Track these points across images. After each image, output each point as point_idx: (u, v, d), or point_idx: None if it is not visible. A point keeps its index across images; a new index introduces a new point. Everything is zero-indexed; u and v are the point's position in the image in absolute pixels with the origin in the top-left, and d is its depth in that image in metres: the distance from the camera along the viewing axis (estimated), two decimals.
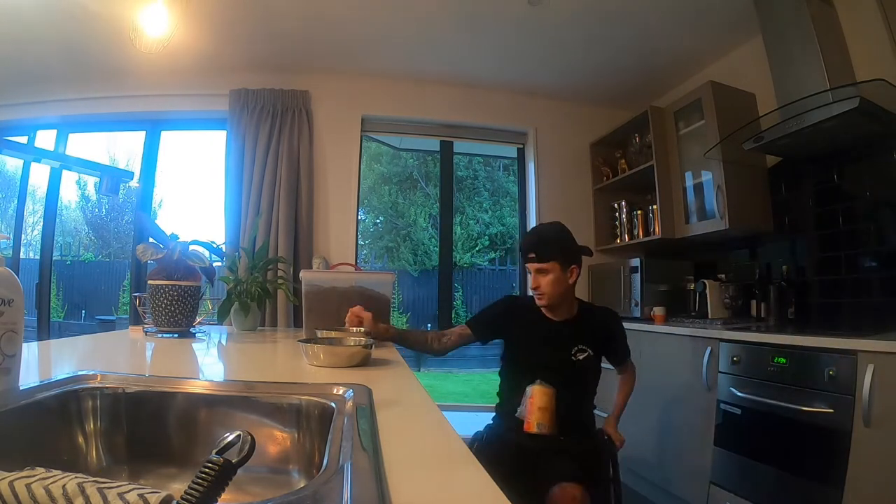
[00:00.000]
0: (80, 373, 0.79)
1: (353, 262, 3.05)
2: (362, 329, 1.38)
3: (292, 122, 3.01)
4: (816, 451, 1.58)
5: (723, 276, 2.65)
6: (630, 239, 3.15)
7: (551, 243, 1.55)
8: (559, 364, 1.51)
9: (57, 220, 3.48)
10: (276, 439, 0.74)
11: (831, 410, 1.53)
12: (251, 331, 1.89)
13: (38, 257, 3.26)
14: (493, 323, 1.67)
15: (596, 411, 1.62)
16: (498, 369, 1.69)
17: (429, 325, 7.92)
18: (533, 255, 1.54)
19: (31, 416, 0.66)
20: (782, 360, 1.73)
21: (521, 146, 3.53)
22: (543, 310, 1.59)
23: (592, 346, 1.54)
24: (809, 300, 2.24)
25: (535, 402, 1.39)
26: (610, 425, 1.62)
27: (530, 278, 1.57)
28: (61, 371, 0.82)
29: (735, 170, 2.41)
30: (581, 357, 1.52)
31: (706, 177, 2.56)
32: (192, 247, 1.65)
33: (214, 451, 0.38)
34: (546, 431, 1.37)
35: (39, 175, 3.34)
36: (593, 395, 1.60)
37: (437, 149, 3.54)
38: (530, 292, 1.59)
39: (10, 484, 0.34)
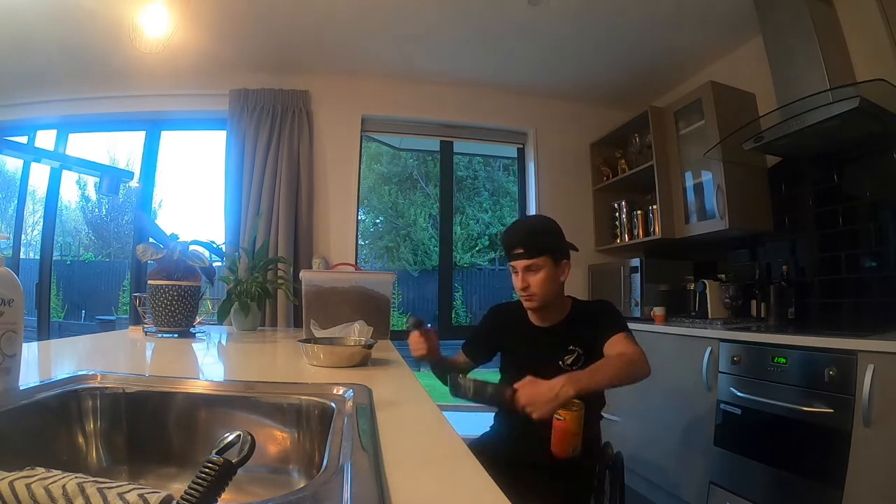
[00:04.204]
0: (80, 373, 0.79)
1: (353, 262, 3.05)
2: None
3: (292, 122, 3.00)
4: (816, 451, 1.58)
5: (723, 276, 2.65)
6: (630, 239, 3.15)
7: (541, 235, 1.34)
8: (550, 374, 1.33)
9: (57, 220, 3.48)
10: (276, 439, 0.74)
11: (831, 410, 1.53)
12: (251, 331, 1.90)
13: (38, 257, 3.26)
14: (484, 340, 1.52)
15: (606, 414, 1.51)
16: (497, 368, 1.64)
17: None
18: (521, 251, 1.32)
19: (31, 416, 0.66)
20: (782, 360, 1.72)
21: (521, 146, 3.53)
22: (530, 314, 1.43)
23: (583, 345, 1.35)
24: (809, 300, 2.24)
25: (570, 427, 1.19)
26: (562, 381, 1.10)
27: (516, 278, 1.36)
28: (61, 371, 0.82)
29: (735, 170, 2.41)
30: (570, 361, 1.34)
31: (706, 177, 2.56)
32: (192, 247, 1.65)
33: (214, 451, 0.38)
34: (578, 453, 1.19)
35: (39, 175, 3.34)
36: (598, 405, 1.41)
37: (437, 149, 3.54)
38: (515, 295, 1.42)
39: (10, 484, 0.34)
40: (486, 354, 1.53)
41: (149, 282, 1.58)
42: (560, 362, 1.36)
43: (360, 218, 3.24)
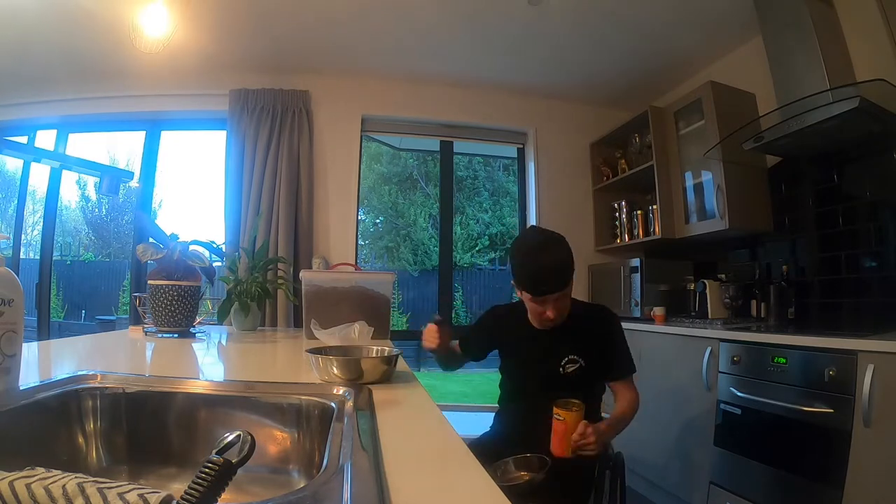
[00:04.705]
0: (80, 373, 0.79)
1: (353, 262, 3.05)
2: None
3: (292, 122, 3.00)
4: (816, 451, 1.58)
5: (723, 276, 2.65)
6: (630, 239, 3.15)
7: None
8: (547, 377, 1.36)
9: (57, 220, 3.48)
10: (276, 439, 0.74)
11: (831, 410, 1.53)
12: (251, 331, 1.89)
13: (38, 257, 3.26)
14: (478, 339, 1.56)
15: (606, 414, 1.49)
16: (497, 368, 1.66)
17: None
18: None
19: (31, 416, 0.66)
20: (782, 360, 1.72)
21: (521, 146, 3.53)
22: (530, 316, 1.42)
23: (585, 356, 1.36)
24: (809, 300, 2.24)
25: (570, 427, 1.18)
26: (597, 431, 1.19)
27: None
28: (61, 371, 0.82)
29: (735, 170, 2.41)
30: (571, 369, 1.35)
31: (706, 177, 2.56)
32: (192, 247, 1.65)
33: (214, 451, 0.38)
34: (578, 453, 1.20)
35: (39, 175, 3.34)
36: (595, 410, 1.41)
37: (437, 149, 3.54)
38: (515, 297, 1.42)
39: (10, 484, 0.34)
40: (479, 353, 1.57)
41: (149, 282, 1.58)
42: (560, 369, 1.36)
43: (360, 218, 3.24)
